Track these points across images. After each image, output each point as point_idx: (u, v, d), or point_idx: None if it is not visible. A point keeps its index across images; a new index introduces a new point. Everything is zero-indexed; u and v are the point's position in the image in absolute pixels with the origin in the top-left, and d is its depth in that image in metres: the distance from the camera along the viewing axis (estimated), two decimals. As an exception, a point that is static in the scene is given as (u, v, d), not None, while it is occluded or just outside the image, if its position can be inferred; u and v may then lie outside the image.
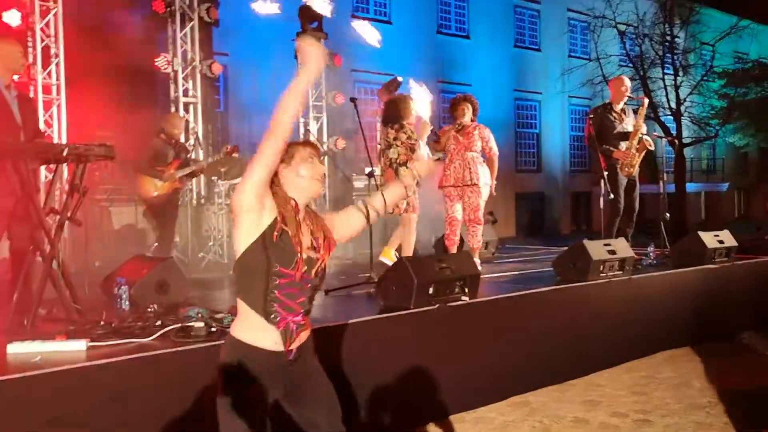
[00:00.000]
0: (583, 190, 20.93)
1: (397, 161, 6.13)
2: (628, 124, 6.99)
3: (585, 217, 21.29)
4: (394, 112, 6.23)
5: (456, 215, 6.40)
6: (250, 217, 2.29)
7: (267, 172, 2.29)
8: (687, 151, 21.97)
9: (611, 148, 6.87)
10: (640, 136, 6.88)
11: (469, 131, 6.40)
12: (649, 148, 6.89)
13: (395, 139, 6.14)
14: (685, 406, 4.57)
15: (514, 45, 19.45)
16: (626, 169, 6.84)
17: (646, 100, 7.32)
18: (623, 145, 6.88)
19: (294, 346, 2.37)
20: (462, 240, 6.70)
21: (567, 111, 20.98)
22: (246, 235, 2.30)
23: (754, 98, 22.88)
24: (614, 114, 6.98)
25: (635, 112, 7.11)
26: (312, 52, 2.33)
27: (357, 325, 4.13)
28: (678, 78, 20.12)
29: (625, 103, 7.11)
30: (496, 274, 6.41)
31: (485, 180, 6.36)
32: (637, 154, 6.88)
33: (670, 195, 21.30)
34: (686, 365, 5.57)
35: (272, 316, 2.31)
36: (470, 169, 6.30)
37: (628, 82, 7.19)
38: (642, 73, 19.42)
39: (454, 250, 6.41)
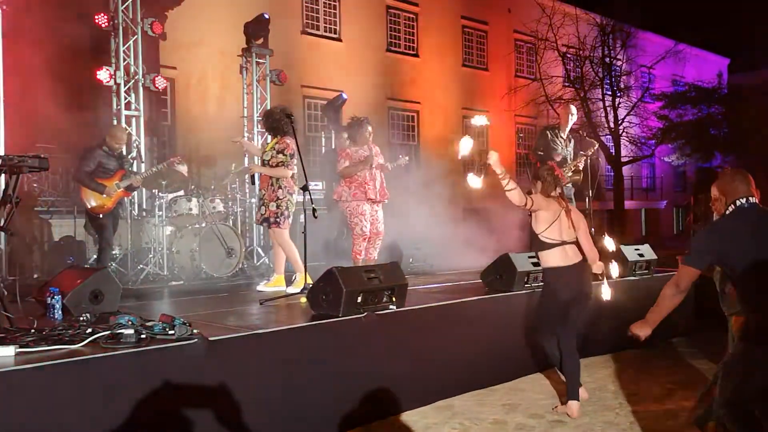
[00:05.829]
0: (529, 206, 21.42)
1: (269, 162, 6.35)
2: (570, 152, 7.63)
3: (530, 231, 21.77)
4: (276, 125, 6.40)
5: (367, 231, 6.61)
6: None
7: None
8: (626, 170, 22.76)
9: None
10: (570, 172, 7.34)
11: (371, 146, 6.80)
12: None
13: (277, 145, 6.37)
14: (597, 407, 4.87)
15: (463, 64, 19.90)
16: None
17: (597, 147, 8.10)
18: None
19: None
20: None
21: (513, 129, 21.52)
22: None
23: (691, 120, 23.91)
24: (560, 138, 7.58)
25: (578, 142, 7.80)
26: None
27: (284, 332, 4.31)
28: (616, 99, 20.90)
29: (571, 131, 7.70)
30: (429, 285, 6.63)
31: None
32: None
33: (610, 212, 22.23)
34: (604, 371, 5.90)
35: None
36: (383, 183, 6.78)
37: (573, 110, 7.81)
38: (583, 94, 20.12)
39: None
